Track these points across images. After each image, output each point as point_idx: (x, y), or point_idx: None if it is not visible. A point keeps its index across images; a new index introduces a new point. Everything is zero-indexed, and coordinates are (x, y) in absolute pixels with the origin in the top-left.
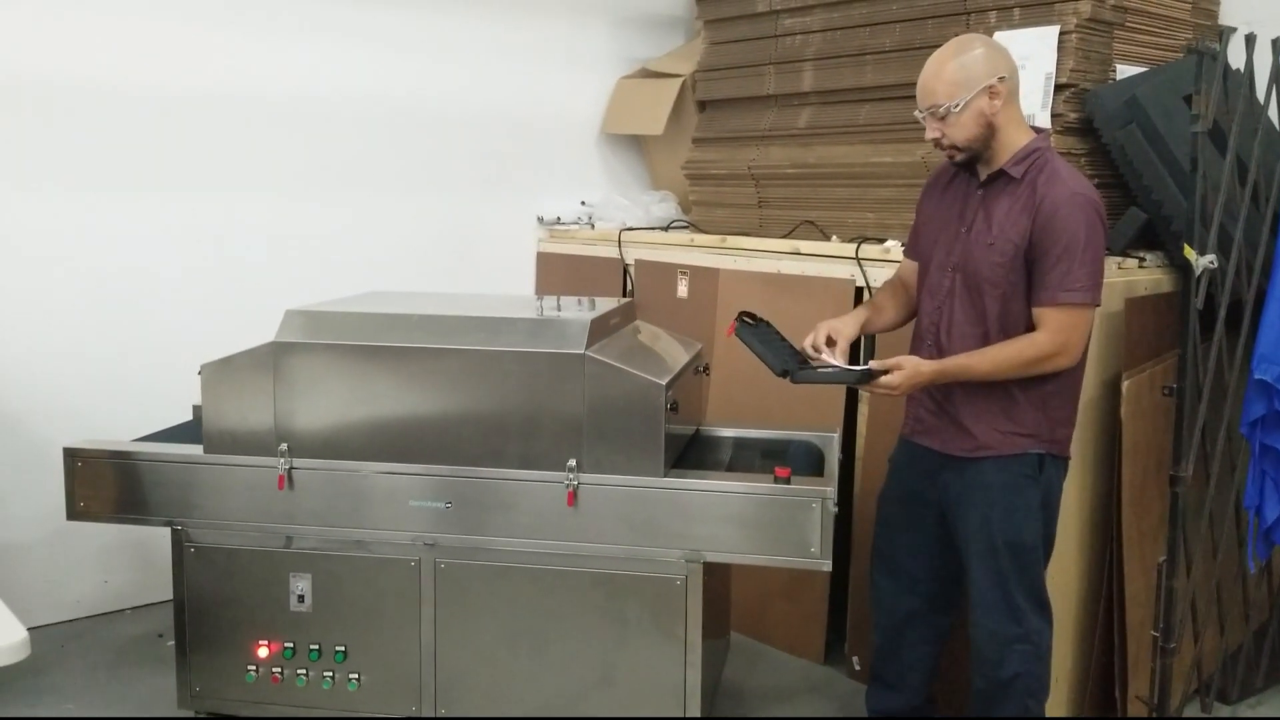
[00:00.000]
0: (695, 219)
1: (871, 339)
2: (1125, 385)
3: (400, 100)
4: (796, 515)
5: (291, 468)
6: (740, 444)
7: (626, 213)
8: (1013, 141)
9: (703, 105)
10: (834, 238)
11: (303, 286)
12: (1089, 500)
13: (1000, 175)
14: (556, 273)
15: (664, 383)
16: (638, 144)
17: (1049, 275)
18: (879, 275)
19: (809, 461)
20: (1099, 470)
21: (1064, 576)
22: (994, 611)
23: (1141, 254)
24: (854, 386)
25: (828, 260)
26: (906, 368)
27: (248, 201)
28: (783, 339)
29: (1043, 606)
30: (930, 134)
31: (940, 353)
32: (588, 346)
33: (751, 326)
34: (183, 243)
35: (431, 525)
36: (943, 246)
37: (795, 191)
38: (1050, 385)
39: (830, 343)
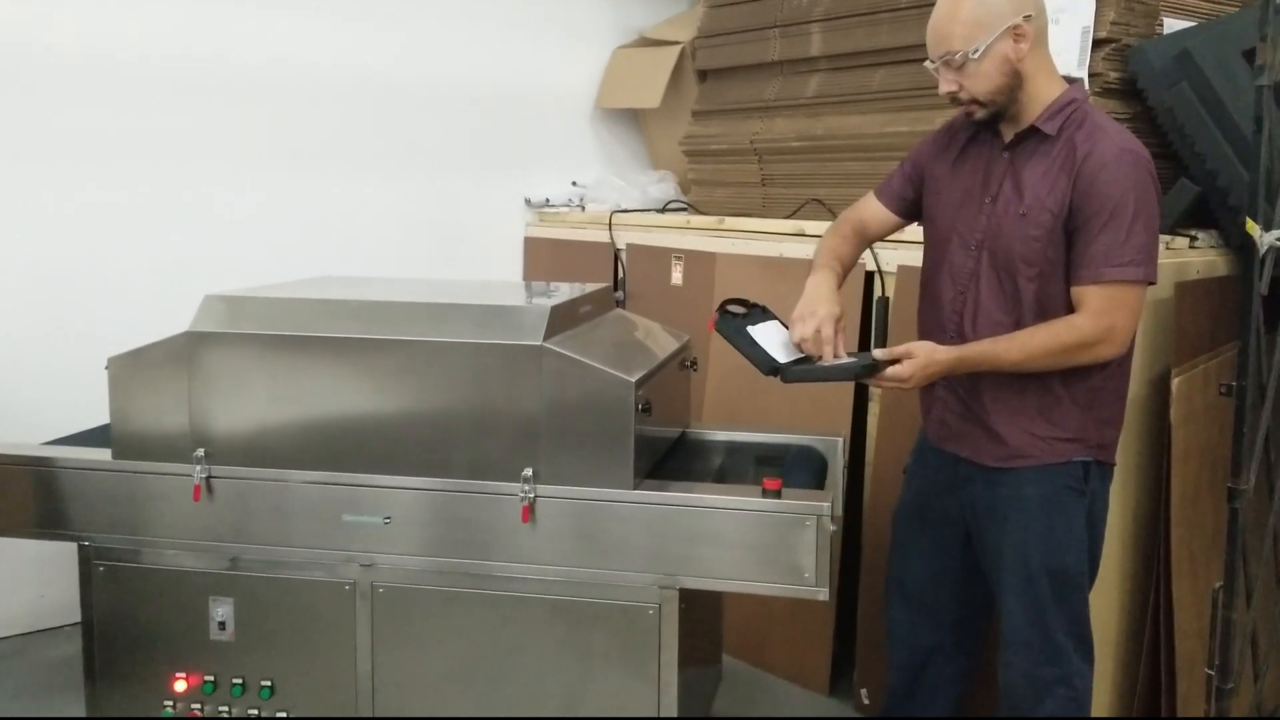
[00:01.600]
0: (694, 199)
1: (884, 327)
2: (1175, 383)
3: (376, 72)
4: (787, 535)
5: (209, 476)
6: (733, 449)
7: (622, 194)
8: (1044, 93)
9: (703, 75)
10: None
11: (263, 276)
12: (1132, 516)
13: (1032, 133)
14: (544, 259)
15: (633, 379)
16: (636, 121)
17: (1092, 247)
18: (892, 257)
19: (810, 470)
20: (1143, 481)
21: (1103, 603)
22: (1029, 650)
23: (1193, 232)
24: (859, 381)
25: None
26: (919, 355)
27: (204, 184)
28: (783, 327)
29: (1085, 644)
30: (945, 87)
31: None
32: (546, 337)
33: (739, 317)
34: (130, 228)
35: (368, 543)
36: (964, 221)
37: (802, 167)
38: (1096, 378)
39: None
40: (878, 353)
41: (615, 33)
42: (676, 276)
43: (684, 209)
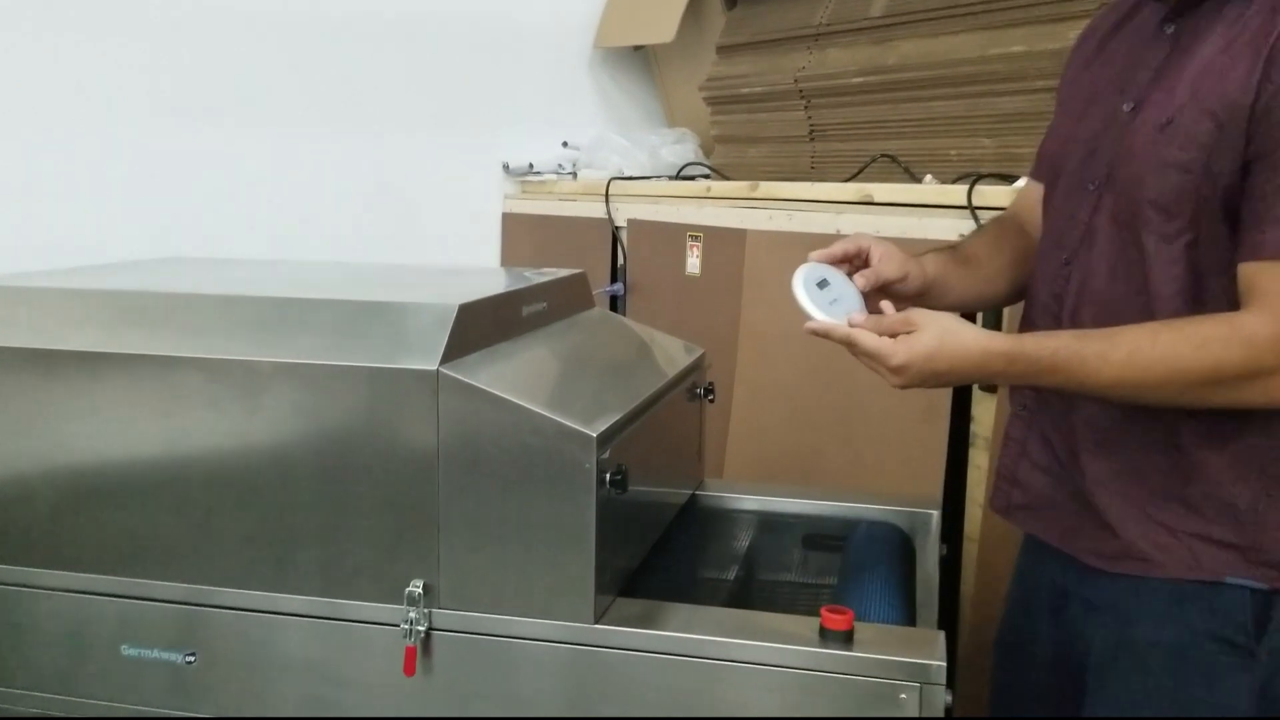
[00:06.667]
0: (719, 162)
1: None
2: None
3: None
4: (865, 712)
5: None
6: (768, 523)
7: (625, 157)
8: None
9: (732, 0)
10: (928, 178)
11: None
12: None
13: None
14: (528, 241)
15: (594, 432)
16: (646, 64)
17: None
18: None
19: (891, 565)
20: None
21: None
22: None
23: None
24: None
25: (917, 212)
26: (924, 331)
27: (76, 139)
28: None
29: None
30: None
31: None
32: (448, 358)
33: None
34: None
35: (161, 692)
36: (1083, 143)
37: (866, 112)
38: (1275, 427)
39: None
40: (854, 316)
41: None
42: (693, 262)
43: (707, 176)
